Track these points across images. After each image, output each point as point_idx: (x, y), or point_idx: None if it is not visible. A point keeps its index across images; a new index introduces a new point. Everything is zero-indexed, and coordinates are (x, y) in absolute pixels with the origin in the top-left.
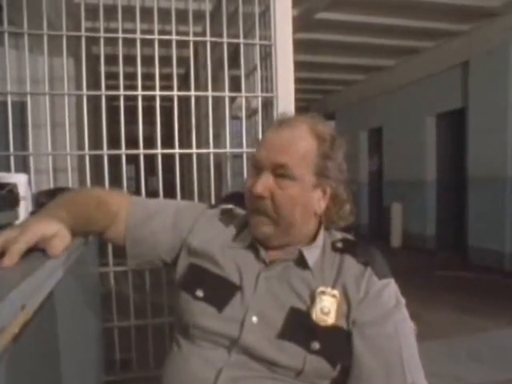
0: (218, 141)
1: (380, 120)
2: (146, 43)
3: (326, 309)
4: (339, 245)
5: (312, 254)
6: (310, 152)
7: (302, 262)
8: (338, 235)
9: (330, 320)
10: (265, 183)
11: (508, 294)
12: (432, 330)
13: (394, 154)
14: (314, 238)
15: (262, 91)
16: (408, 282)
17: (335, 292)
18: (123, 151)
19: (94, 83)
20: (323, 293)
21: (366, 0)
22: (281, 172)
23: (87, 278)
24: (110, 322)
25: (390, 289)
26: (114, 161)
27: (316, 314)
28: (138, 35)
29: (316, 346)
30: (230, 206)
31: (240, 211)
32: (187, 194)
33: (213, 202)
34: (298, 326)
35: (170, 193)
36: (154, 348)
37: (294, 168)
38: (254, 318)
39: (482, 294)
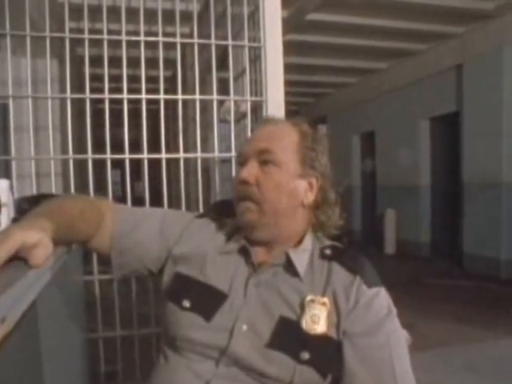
0: (206, 145)
1: (373, 124)
2: (132, 45)
3: (316, 317)
4: (327, 252)
5: (300, 260)
6: (293, 143)
7: (291, 269)
8: (326, 242)
9: (321, 328)
10: (250, 169)
11: (504, 303)
12: (427, 340)
13: (387, 158)
14: (302, 240)
15: (251, 94)
16: (402, 291)
17: (325, 300)
18: (108, 156)
19: (78, 86)
20: (312, 301)
21: (357, 1)
22: (265, 158)
23: (71, 288)
24: (95, 333)
25: (381, 298)
26: (99, 165)
27: (306, 323)
28: (124, 36)
29: (306, 356)
30: (218, 215)
31: (229, 220)
32: (174, 200)
33: (201, 207)
34: (288, 335)
35: (156, 198)
36: (141, 359)
37: (277, 153)
38: (244, 327)
39: (478, 303)
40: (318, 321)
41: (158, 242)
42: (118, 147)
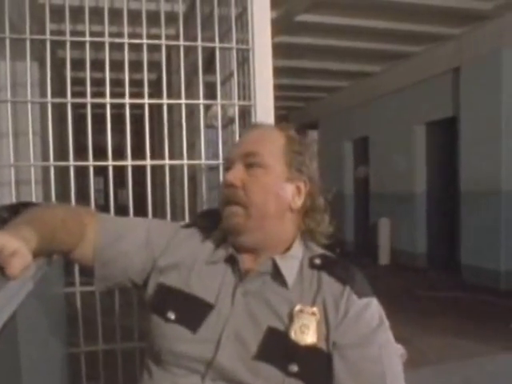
0: (193, 151)
1: (366, 129)
2: (116, 47)
3: (305, 327)
4: (317, 261)
5: (289, 267)
6: (280, 146)
7: (279, 277)
8: (317, 251)
9: (310, 339)
10: (235, 173)
11: (503, 316)
12: (423, 355)
13: (381, 165)
14: (290, 247)
15: (239, 99)
16: (397, 303)
17: (314, 309)
18: (91, 163)
19: (59, 90)
20: (301, 311)
21: (349, 1)
22: (251, 161)
23: (52, 300)
24: (77, 347)
25: (372, 308)
26: (81, 173)
27: (295, 333)
28: (107, 38)
29: (294, 368)
30: (204, 225)
31: (216, 231)
32: (159, 208)
33: (186, 215)
34: (276, 346)
35: (140, 206)
36: (124, 375)
37: (263, 156)
38: (231, 337)
39: (476, 316)
40: (307, 331)
41: (143, 254)
42: (100, 153)
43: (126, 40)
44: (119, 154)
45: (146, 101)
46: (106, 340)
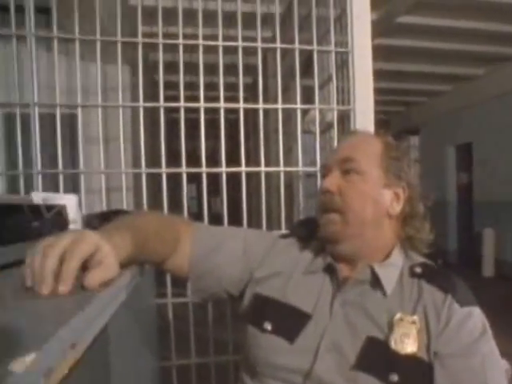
0: (289, 158)
1: (470, 135)
2: (209, 50)
3: (406, 336)
4: (418, 270)
5: (388, 275)
6: (377, 152)
7: (378, 286)
8: (417, 260)
9: (410, 348)
10: (332, 179)
11: None
12: None
13: (485, 172)
14: (389, 255)
15: (337, 103)
16: (502, 317)
17: (415, 318)
18: (184, 169)
19: (151, 94)
20: (402, 320)
21: (452, 2)
22: (348, 167)
23: (143, 311)
24: (168, 360)
25: (475, 318)
26: (174, 180)
27: (395, 342)
28: (201, 41)
29: (395, 378)
30: (302, 234)
31: (314, 241)
32: (254, 216)
33: (283, 224)
34: (376, 356)
35: (235, 215)
36: None
37: (360, 162)
38: (329, 348)
39: None
40: (407, 340)
41: (240, 265)
42: (193, 160)
43: (220, 42)
44: (213, 160)
45: (242, 105)
46: (199, 353)
